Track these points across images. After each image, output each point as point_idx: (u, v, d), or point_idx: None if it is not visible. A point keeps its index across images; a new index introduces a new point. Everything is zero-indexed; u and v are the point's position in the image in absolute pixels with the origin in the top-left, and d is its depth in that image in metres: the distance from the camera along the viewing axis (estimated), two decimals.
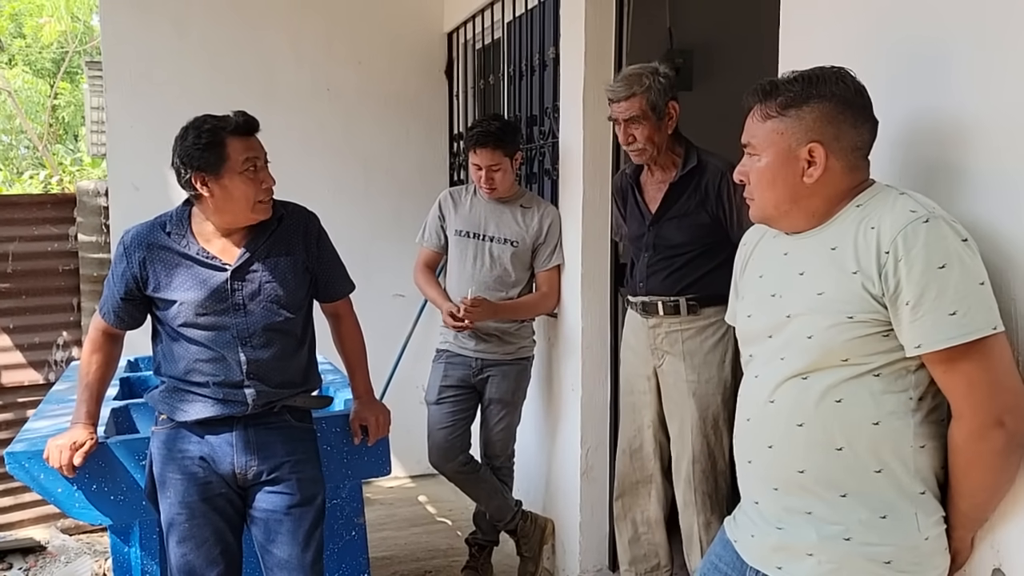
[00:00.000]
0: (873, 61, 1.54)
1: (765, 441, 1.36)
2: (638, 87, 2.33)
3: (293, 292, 2.04)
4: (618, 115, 2.37)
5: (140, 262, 1.97)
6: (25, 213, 3.74)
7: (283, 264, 2.03)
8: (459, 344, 2.97)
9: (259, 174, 1.95)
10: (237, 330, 1.97)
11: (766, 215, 1.38)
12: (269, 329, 2.00)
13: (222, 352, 1.97)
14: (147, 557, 2.22)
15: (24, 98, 13.89)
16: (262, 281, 2.00)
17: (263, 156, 1.97)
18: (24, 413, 3.65)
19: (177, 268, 1.97)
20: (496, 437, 3.01)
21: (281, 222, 2.05)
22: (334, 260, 2.18)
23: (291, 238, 2.06)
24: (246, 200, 1.94)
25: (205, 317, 1.96)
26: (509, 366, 2.96)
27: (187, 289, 1.95)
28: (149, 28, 3.69)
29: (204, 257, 1.97)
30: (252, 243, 2.01)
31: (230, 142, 1.91)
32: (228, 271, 1.97)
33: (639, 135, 2.35)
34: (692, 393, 2.39)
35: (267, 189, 1.97)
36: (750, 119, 1.36)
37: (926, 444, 1.27)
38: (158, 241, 1.98)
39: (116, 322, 2.05)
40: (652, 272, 2.45)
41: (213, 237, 2.00)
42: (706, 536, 2.40)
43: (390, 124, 4.10)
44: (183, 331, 1.97)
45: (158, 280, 1.97)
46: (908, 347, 1.22)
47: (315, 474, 2.08)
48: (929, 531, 1.27)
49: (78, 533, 3.70)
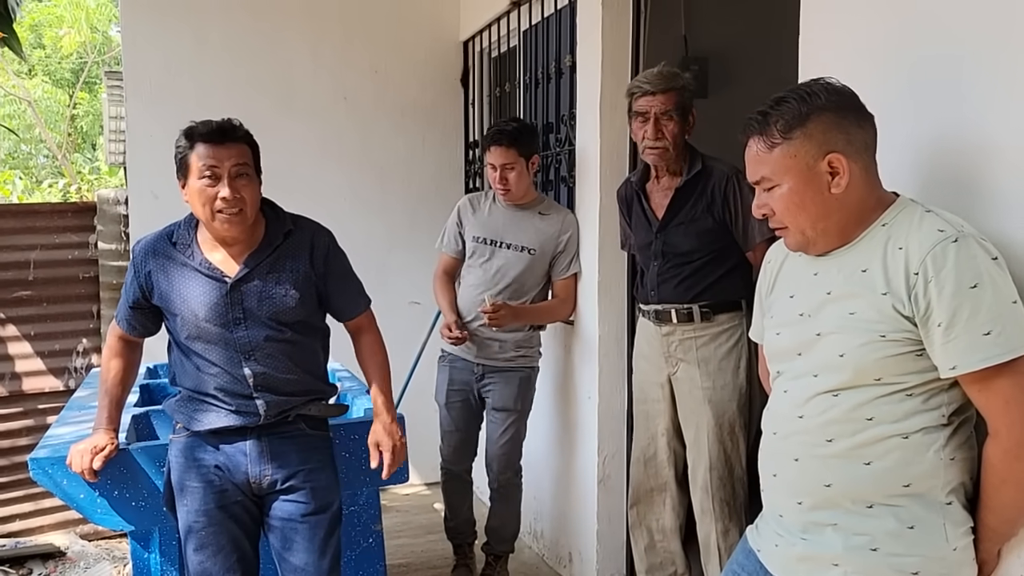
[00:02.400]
0: (895, 71, 1.54)
1: (792, 455, 1.35)
2: (675, 83, 2.33)
3: (295, 308, 1.98)
4: (651, 108, 2.33)
5: (146, 272, 1.98)
6: (46, 221, 3.78)
7: (285, 279, 1.98)
8: (462, 349, 2.99)
9: (217, 183, 1.86)
10: (239, 344, 1.95)
11: (806, 238, 1.34)
12: (272, 341, 1.97)
13: (227, 367, 1.96)
14: (167, 563, 2.23)
15: (44, 108, 14.07)
16: (262, 295, 1.96)
17: (228, 167, 1.87)
18: (45, 419, 3.68)
19: (180, 279, 1.96)
20: (501, 449, 2.96)
21: (288, 237, 2.01)
22: (345, 277, 2.12)
23: (296, 253, 2.01)
24: (203, 209, 1.88)
25: (206, 330, 1.95)
26: (511, 373, 2.94)
27: (188, 300, 1.95)
28: (168, 39, 3.73)
29: (206, 269, 1.95)
30: (254, 257, 1.97)
31: (196, 148, 1.88)
32: (228, 283, 1.95)
33: (668, 131, 2.33)
34: (708, 400, 2.38)
35: (225, 200, 1.86)
36: (753, 154, 1.34)
37: (956, 456, 1.26)
38: (164, 252, 1.98)
39: (129, 329, 2.07)
40: (663, 280, 2.45)
41: (215, 249, 1.97)
42: (724, 544, 2.39)
43: (406, 132, 4.12)
44: (190, 344, 1.97)
45: (162, 290, 1.97)
46: (942, 368, 1.21)
47: (330, 482, 2.08)
48: (957, 542, 1.25)
49: (97, 539, 3.72)
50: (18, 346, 3.74)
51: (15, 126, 13.42)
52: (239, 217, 1.90)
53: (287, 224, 2.03)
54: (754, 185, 1.37)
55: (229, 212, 1.88)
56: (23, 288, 3.72)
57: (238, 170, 1.88)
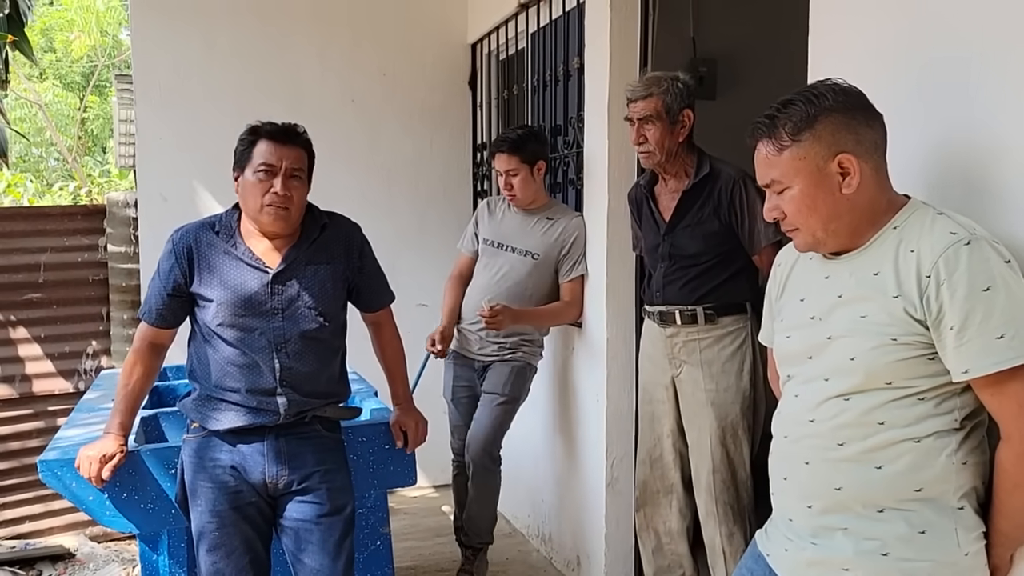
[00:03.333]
0: (904, 72, 1.53)
1: (803, 458, 1.34)
2: (656, 88, 2.37)
3: (331, 301, 2.06)
4: (633, 114, 2.41)
5: (188, 258, 2.00)
6: (56, 224, 3.80)
7: (323, 272, 2.05)
8: (463, 347, 3.02)
9: (272, 180, 1.94)
10: (273, 335, 1.99)
11: (816, 239, 1.33)
12: (304, 336, 2.01)
13: (256, 357, 1.98)
14: (175, 565, 2.24)
15: (54, 111, 14.16)
16: (301, 287, 2.02)
17: (285, 166, 1.96)
18: (55, 421, 3.70)
19: (221, 266, 2.00)
20: (481, 431, 2.91)
21: (324, 231, 2.08)
22: (376, 272, 2.21)
23: (333, 248, 2.09)
24: (253, 201, 1.96)
25: (242, 319, 1.97)
26: (506, 363, 2.97)
27: (228, 288, 1.98)
28: (178, 42, 3.74)
29: (248, 258, 2.00)
30: (294, 249, 2.03)
31: (259, 143, 1.97)
32: (270, 274, 1.99)
33: (650, 136, 2.38)
34: (710, 402, 2.38)
35: (275, 195, 1.94)
36: (762, 157, 1.33)
37: (968, 460, 1.25)
38: (206, 238, 2.02)
39: (158, 320, 2.05)
40: (668, 282, 2.46)
41: (258, 240, 2.03)
42: (729, 547, 2.38)
43: (414, 135, 4.12)
44: (219, 331, 1.98)
45: (202, 276, 2.00)
46: (955, 372, 1.20)
47: (345, 484, 2.09)
48: (969, 547, 1.24)
49: (106, 540, 3.73)
50: (28, 348, 3.76)
51: (26, 129, 13.50)
52: (285, 214, 1.98)
53: (322, 219, 2.10)
54: (764, 188, 1.37)
55: (277, 208, 1.96)
56: (33, 290, 3.74)
57: (293, 171, 1.98)
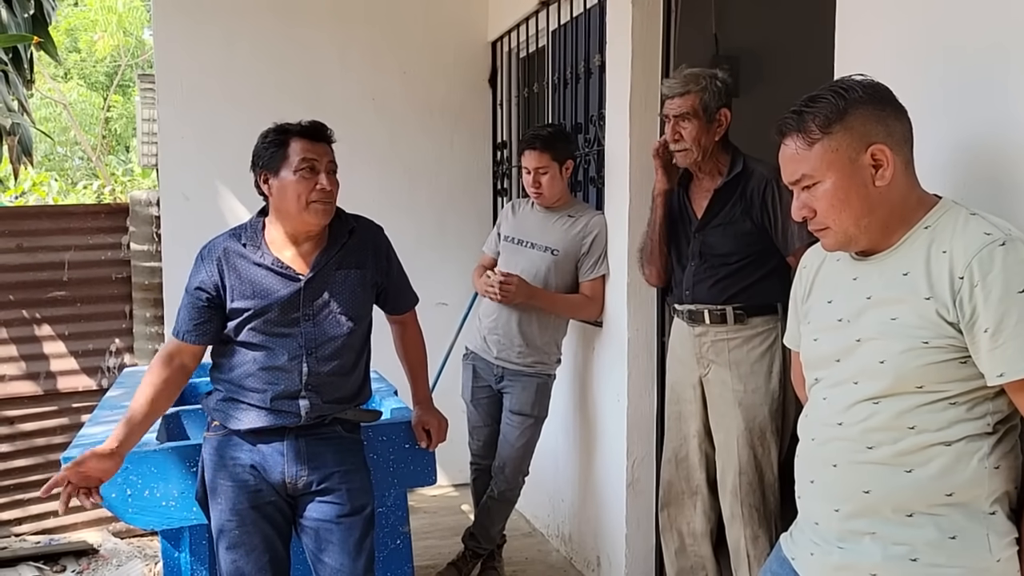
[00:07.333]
0: (930, 66, 1.50)
1: (830, 461, 1.32)
2: (694, 86, 2.33)
3: (361, 305, 2.07)
4: (669, 111, 2.37)
5: (218, 269, 2.00)
6: (80, 223, 3.84)
7: (353, 277, 2.05)
8: (483, 348, 3.02)
9: (316, 175, 1.96)
10: (305, 339, 1.99)
11: (848, 236, 1.29)
12: (334, 340, 2.01)
13: (285, 361, 1.97)
14: (196, 562, 2.25)
15: (79, 111, 14.35)
16: (331, 293, 2.02)
17: (325, 162, 1.99)
18: (78, 418, 3.73)
19: (252, 276, 1.99)
20: (517, 453, 2.97)
21: (352, 234, 2.08)
22: (401, 274, 2.22)
23: (362, 252, 2.09)
24: (298, 198, 1.95)
25: (274, 326, 1.98)
26: (528, 379, 2.95)
27: (259, 296, 1.97)
28: (200, 42, 3.77)
29: (278, 267, 1.99)
30: (324, 254, 2.03)
31: (292, 141, 1.97)
32: (301, 281, 1.99)
33: (686, 134, 2.35)
34: (738, 403, 2.35)
35: (322, 191, 1.96)
36: (791, 153, 1.30)
37: (1000, 464, 1.22)
38: (235, 249, 2.01)
39: (195, 337, 2.00)
40: (698, 280, 2.43)
41: (285, 247, 2.02)
42: (753, 550, 2.35)
43: (434, 133, 4.12)
44: (249, 337, 1.98)
45: (232, 287, 1.99)
46: (989, 376, 1.18)
47: (364, 484, 2.09)
48: (1001, 553, 1.22)
49: (129, 537, 3.77)
50: (53, 345, 3.80)
51: (51, 129, 13.68)
52: (331, 208, 2.01)
53: (350, 222, 2.10)
54: (791, 186, 1.34)
55: (324, 202, 1.97)
56: (58, 288, 3.79)
57: (331, 166, 2.01)
